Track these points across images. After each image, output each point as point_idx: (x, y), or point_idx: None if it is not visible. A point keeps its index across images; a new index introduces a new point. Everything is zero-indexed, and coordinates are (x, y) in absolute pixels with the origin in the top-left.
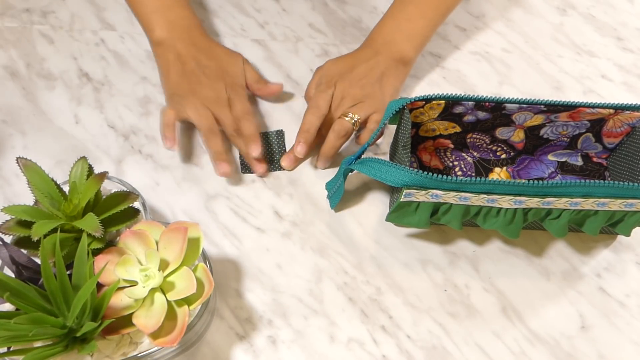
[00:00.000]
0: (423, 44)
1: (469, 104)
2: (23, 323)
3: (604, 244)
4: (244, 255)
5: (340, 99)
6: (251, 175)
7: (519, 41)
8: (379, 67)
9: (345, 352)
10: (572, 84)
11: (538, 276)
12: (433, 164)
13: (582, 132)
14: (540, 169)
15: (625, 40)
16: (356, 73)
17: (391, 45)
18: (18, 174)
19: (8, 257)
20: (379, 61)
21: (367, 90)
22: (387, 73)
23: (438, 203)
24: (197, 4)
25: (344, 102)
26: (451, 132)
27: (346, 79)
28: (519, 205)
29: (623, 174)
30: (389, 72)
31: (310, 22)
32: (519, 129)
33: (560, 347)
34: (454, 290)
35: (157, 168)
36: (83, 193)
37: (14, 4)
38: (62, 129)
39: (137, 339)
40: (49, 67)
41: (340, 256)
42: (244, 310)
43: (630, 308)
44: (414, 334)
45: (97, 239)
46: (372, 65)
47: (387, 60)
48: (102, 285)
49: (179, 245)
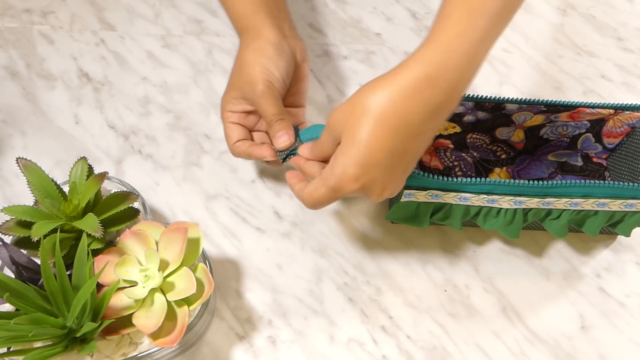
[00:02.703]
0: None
1: (468, 104)
2: (23, 323)
3: (604, 244)
4: (244, 255)
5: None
6: (251, 175)
7: (519, 41)
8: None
9: (345, 352)
10: (572, 84)
11: (538, 276)
12: (433, 164)
13: (582, 132)
14: (540, 169)
15: (625, 40)
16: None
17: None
18: (18, 174)
19: (8, 257)
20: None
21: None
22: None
23: (438, 203)
24: (198, 4)
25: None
26: (451, 132)
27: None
28: (519, 205)
29: (623, 174)
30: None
31: (310, 22)
32: (519, 129)
33: (560, 347)
34: (454, 290)
35: (157, 168)
36: (83, 193)
37: (14, 4)
38: (62, 129)
39: (137, 339)
40: (49, 67)
41: (340, 256)
42: (244, 311)
43: (630, 308)
44: (414, 334)
45: (97, 239)
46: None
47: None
48: (102, 285)
49: (179, 245)
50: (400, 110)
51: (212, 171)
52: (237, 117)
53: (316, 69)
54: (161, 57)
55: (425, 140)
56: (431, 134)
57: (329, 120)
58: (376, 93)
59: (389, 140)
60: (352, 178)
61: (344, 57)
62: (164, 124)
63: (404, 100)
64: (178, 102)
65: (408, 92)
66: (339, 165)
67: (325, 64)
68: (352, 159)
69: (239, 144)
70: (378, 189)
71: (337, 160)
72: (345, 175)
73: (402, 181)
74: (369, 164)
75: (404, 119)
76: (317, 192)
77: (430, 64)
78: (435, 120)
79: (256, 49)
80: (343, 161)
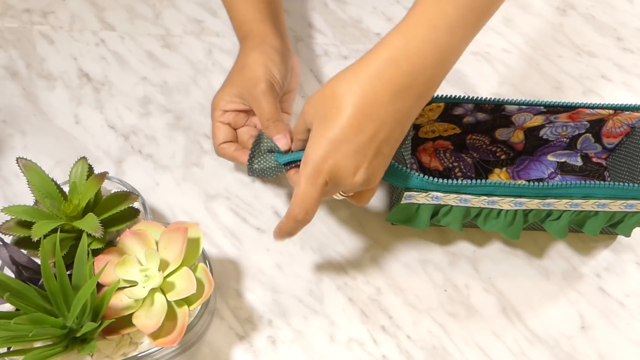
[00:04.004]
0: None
1: (468, 106)
2: (23, 323)
3: (603, 244)
4: (244, 255)
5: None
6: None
7: (519, 41)
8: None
9: (345, 352)
10: (572, 84)
11: (538, 276)
12: (433, 165)
13: (582, 133)
14: (540, 169)
15: (625, 40)
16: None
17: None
18: (18, 174)
19: (8, 257)
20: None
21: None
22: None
23: (438, 205)
24: (197, 4)
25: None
26: (451, 133)
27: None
28: (519, 206)
29: (623, 174)
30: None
31: (310, 22)
32: (519, 130)
33: (560, 347)
34: (454, 290)
35: (157, 168)
36: (83, 193)
37: (14, 4)
38: (62, 129)
39: (137, 339)
40: (49, 67)
41: (340, 256)
42: (244, 311)
43: (630, 308)
44: (414, 334)
45: (97, 239)
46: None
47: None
48: (102, 285)
49: (179, 245)
50: (366, 89)
51: (212, 171)
52: (227, 117)
53: (316, 69)
54: (161, 57)
55: (395, 127)
56: (401, 119)
57: (304, 107)
58: (345, 77)
59: (357, 117)
60: (322, 157)
61: (344, 57)
62: (164, 124)
63: (369, 79)
64: (178, 102)
65: (373, 72)
66: (310, 149)
67: (325, 64)
68: (321, 139)
69: (225, 145)
70: (350, 168)
71: (309, 146)
72: (316, 157)
73: (376, 168)
74: (337, 140)
75: (370, 98)
76: (298, 188)
77: (394, 48)
78: (402, 101)
79: (262, 52)
80: (313, 143)
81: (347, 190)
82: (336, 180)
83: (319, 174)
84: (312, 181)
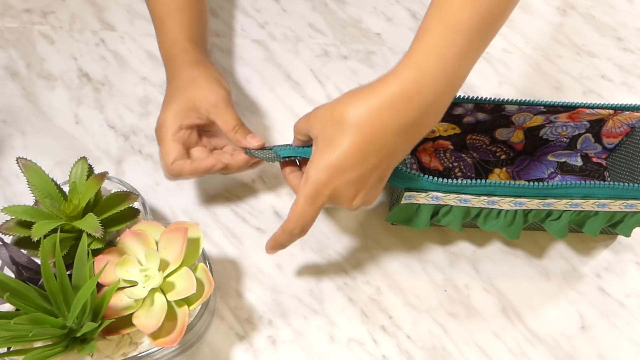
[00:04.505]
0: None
1: (468, 106)
2: (23, 323)
3: (603, 244)
4: (244, 255)
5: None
6: (251, 175)
7: (519, 41)
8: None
9: (345, 352)
10: (572, 84)
11: (538, 276)
12: (433, 165)
13: (582, 133)
14: (540, 169)
15: (625, 40)
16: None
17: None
18: (18, 174)
19: (8, 257)
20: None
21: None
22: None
23: (438, 205)
24: None
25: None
26: (451, 133)
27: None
28: (519, 206)
29: (623, 174)
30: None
31: (310, 22)
32: (519, 130)
33: (560, 347)
34: (454, 290)
35: (157, 168)
36: (83, 193)
37: (14, 4)
38: (62, 129)
39: (137, 339)
40: (49, 68)
41: (340, 256)
42: (244, 311)
43: (630, 308)
44: (414, 334)
45: (97, 239)
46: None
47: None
48: (102, 285)
49: (179, 245)
50: (375, 120)
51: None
52: (181, 135)
53: (316, 69)
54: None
55: (397, 156)
56: (404, 150)
57: (310, 116)
58: (355, 103)
59: (362, 147)
60: (324, 181)
61: (344, 57)
62: None
63: (379, 111)
64: None
65: (384, 104)
66: (312, 169)
67: (325, 64)
68: (326, 162)
69: (178, 163)
70: (350, 194)
71: (311, 165)
72: (318, 180)
73: (374, 192)
74: (341, 167)
75: (378, 130)
76: (297, 205)
77: (406, 81)
78: (408, 136)
79: (206, 67)
80: (316, 165)
81: (345, 209)
82: (334, 202)
83: (319, 196)
84: (311, 201)
